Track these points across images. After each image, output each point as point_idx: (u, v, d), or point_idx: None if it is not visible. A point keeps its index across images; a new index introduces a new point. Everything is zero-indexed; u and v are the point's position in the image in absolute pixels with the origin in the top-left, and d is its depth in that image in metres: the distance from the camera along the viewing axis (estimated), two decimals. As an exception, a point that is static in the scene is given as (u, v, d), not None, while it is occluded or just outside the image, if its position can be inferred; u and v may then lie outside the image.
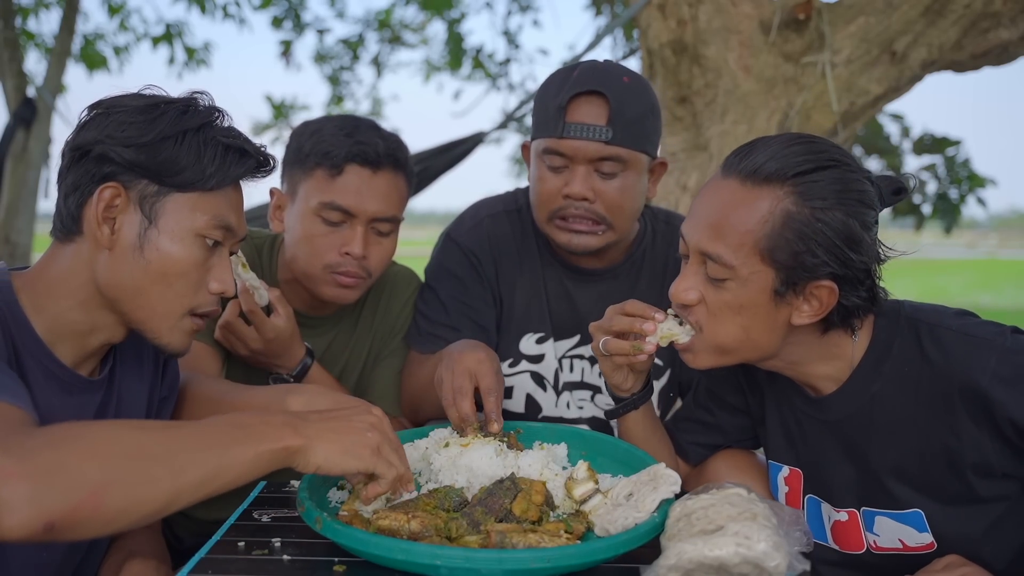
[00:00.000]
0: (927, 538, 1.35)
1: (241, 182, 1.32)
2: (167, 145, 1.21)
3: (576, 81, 1.76)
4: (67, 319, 1.24)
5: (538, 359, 1.94)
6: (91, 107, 1.24)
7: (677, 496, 1.26)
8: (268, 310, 1.76)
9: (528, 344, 1.94)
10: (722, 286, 1.29)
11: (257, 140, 1.32)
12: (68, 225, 1.23)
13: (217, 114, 1.27)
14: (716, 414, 1.62)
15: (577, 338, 1.95)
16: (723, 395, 1.61)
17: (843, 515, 1.42)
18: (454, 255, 1.95)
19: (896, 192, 1.34)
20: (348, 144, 1.73)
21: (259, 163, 1.31)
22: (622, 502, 1.27)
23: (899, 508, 1.36)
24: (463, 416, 1.49)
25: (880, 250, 1.30)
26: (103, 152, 1.20)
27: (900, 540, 1.37)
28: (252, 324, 1.73)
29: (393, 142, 1.79)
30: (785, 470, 1.50)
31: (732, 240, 1.27)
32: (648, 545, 1.20)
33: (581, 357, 1.96)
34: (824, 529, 1.46)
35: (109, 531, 0.93)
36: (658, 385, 1.95)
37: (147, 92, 1.27)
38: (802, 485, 1.48)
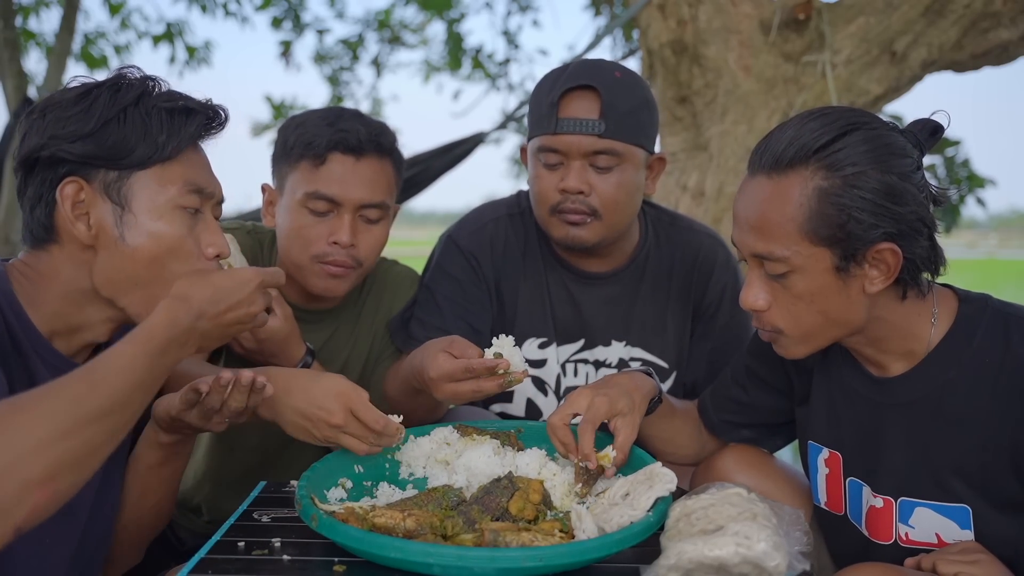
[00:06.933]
0: (968, 535, 1.31)
1: (201, 143, 1.28)
2: (111, 128, 1.18)
3: (568, 77, 1.77)
4: (60, 315, 1.22)
5: (540, 364, 1.93)
6: (27, 114, 1.21)
7: (675, 495, 1.26)
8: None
9: (530, 349, 1.93)
10: (786, 280, 1.29)
11: (202, 98, 1.27)
12: (41, 235, 1.21)
13: (151, 82, 1.23)
14: (751, 393, 1.61)
15: (580, 343, 1.94)
16: (763, 375, 1.59)
17: (879, 501, 1.39)
18: (454, 257, 1.94)
19: (933, 133, 1.31)
20: (330, 133, 1.73)
21: (209, 117, 1.27)
22: (618, 501, 1.26)
23: (947, 501, 1.32)
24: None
25: (933, 191, 1.27)
26: (52, 154, 1.17)
27: (937, 535, 1.33)
28: None
29: (376, 128, 1.78)
30: (825, 452, 1.47)
31: (777, 234, 1.26)
32: (647, 545, 1.20)
33: (585, 362, 1.95)
34: (861, 514, 1.43)
35: (69, 498, 0.97)
36: (664, 387, 1.94)
37: (76, 83, 1.23)
38: (842, 468, 1.45)
